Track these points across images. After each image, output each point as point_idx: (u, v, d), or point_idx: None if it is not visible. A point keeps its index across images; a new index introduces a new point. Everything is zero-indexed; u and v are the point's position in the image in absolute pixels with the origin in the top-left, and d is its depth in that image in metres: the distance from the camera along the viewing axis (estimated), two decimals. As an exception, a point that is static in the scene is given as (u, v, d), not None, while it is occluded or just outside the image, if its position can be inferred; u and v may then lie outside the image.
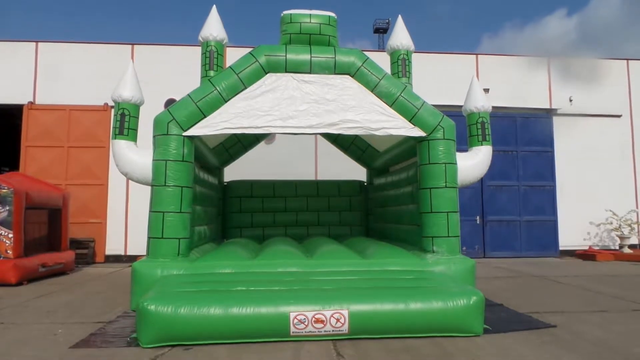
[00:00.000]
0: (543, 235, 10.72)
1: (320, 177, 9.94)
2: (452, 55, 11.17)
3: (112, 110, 10.83)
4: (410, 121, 4.88)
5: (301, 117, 4.76)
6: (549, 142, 11.00)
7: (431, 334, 3.67)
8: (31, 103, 10.09)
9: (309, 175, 10.04)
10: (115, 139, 4.64)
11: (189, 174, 4.65)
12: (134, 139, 4.71)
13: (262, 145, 10.04)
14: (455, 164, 4.91)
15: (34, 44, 10.44)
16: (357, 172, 8.36)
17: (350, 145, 7.75)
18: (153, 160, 4.57)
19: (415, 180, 5.45)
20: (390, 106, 4.88)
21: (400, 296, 3.77)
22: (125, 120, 4.63)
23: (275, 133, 5.14)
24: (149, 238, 4.57)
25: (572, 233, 10.87)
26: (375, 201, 7.56)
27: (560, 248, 10.79)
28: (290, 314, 3.56)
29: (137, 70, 4.94)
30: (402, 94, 4.87)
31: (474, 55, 11.17)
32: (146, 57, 10.34)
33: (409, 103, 4.86)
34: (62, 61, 10.28)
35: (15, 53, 10.34)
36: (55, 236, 8.10)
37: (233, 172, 8.92)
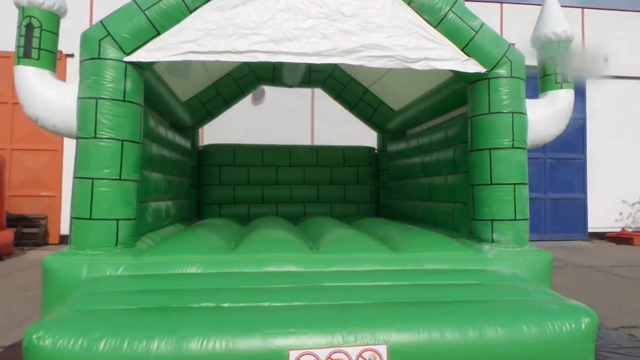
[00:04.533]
0: (570, 215, 9.39)
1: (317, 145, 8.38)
2: (472, 4, 9.53)
3: (68, 58, 9.10)
4: (462, 50, 3.34)
5: (304, 39, 3.18)
6: (580, 108, 9.54)
7: (525, 383, 2.25)
8: (-35, 49, 8.28)
9: (303, 143, 8.48)
10: (18, 64, 3.02)
11: (134, 122, 3.07)
12: (48, 66, 3.09)
13: (247, 105, 8.45)
14: (526, 114, 3.40)
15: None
16: (361, 140, 6.81)
17: (359, 102, 6.18)
18: (78, 98, 2.98)
19: (459, 141, 3.94)
20: (435, 27, 3.32)
21: (469, 317, 2.33)
22: (33, 35, 2.99)
23: (262, 61, 3.53)
24: (71, 218, 3.02)
25: (602, 213, 9.56)
26: (391, 172, 6.05)
27: (589, 230, 9.49)
28: (290, 352, 2.12)
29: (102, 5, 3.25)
30: (452, 9, 3.30)
31: (498, 4, 9.56)
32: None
33: (463, 23, 3.30)
34: (3, -2, 8.41)
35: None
36: (-14, 212, 6.47)
37: (210, 135, 7.37)
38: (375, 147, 6.51)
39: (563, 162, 9.43)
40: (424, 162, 4.72)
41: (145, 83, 3.37)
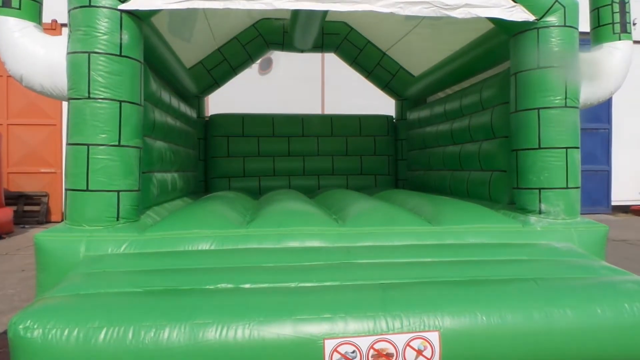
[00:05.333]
0: (593, 187, 8.99)
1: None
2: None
3: (63, 28, 8.65)
4: (508, -4, 2.90)
5: (326, -16, 2.75)
6: (605, 76, 9.02)
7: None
8: (-45, 18, 7.84)
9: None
10: (-2, 14, 2.62)
11: (133, 81, 2.68)
12: (32, 17, 2.69)
13: (254, 74, 8.02)
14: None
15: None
16: (375, 110, 6.38)
17: (376, 67, 5.74)
18: (68, 53, 2.59)
19: (497, 102, 3.54)
20: (477, -31, 2.87)
21: (533, 298, 1.99)
22: (12, -20, 2.59)
23: (275, 8, 3.09)
24: (66, 190, 2.67)
25: (625, 185, 9.15)
26: (411, 142, 5.65)
27: (612, 203, 9.11)
28: (326, 342, 1.79)
29: None
30: (496, -52, 2.85)
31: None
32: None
33: (509, -37, 2.86)
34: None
35: None
36: (-17, 189, 6.16)
37: (215, 107, 6.99)
38: (393, 116, 6.09)
39: (586, 132, 8.95)
40: (452, 129, 4.32)
41: (147, 43, 2.99)
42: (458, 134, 4.19)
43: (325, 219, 2.90)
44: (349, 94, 7.79)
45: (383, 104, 6.54)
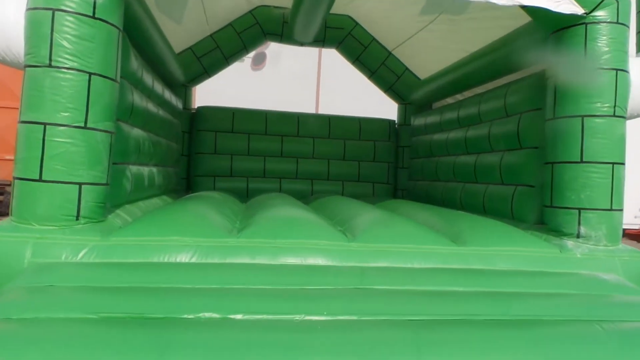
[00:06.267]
0: (589, 209, 8.72)
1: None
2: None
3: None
4: (555, -15, 2.51)
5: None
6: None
7: None
8: None
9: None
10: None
11: (107, 50, 2.19)
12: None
13: (246, 69, 7.54)
14: (629, 72, 2.61)
15: None
16: (373, 114, 5.95)
17: (380, 67, 5.32)
18: (27, 9, 2.09)
19: (526, 109, 3.13)
20: (522, -49, 2.48)
21: (598, 347, 1.58)
22: None
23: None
24: (14, 179, 2.16)
25: (620, 208, 8.92)
26: (414, 149, 5.24)
27: (607, 226, 8.86)
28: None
29: None
30: None
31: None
32: None
33: (559, -53, 2.47)
34: None
35: None
36: None
37: (201, 101, 6.50)
38: (395, 121, 5.68)
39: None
40: (467, 137, 3.91)
41: (128, 11, 2.52)
42: (474, 142, 3.79)
43: (331, 231, 2.43)
44: (345, 96, 7.37)
45: (381, 108, 6.15)
